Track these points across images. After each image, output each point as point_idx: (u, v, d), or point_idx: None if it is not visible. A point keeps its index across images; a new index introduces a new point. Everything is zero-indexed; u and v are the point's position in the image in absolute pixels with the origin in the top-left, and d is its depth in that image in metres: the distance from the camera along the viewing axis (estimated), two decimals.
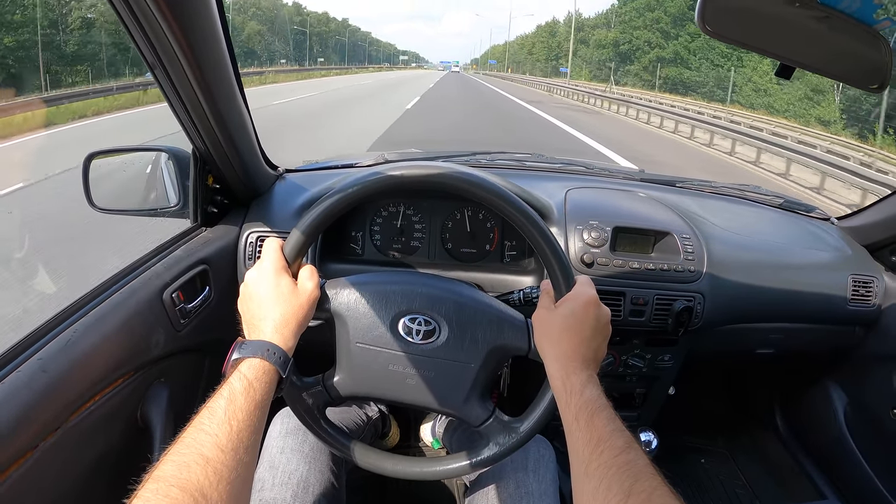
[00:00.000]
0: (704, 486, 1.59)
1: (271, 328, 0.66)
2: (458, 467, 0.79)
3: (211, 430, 0.53)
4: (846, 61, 0.68)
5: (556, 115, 14.69)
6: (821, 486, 1.50)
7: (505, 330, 0.76)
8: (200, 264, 1.01)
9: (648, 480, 0.51)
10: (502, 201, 0.71)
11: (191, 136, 0.95)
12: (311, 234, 0.72)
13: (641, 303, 1.13)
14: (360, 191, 0.71)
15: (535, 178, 1.36)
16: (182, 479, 0.48)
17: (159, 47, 0.73)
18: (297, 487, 0.85)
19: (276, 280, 0.69)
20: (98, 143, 1.08)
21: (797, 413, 1.63)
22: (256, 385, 0.60)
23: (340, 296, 0.76)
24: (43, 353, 0.70)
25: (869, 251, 1.34)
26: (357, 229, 1.18)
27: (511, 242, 1.18)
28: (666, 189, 1.44)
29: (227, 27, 0.81)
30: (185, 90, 0.82)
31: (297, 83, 31.48)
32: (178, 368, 0.98)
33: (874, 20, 0.64)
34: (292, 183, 1.25)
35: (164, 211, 1.07)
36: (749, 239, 1.28)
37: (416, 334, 0.75)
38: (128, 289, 0.87)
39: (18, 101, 10.34)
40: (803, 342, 1.36)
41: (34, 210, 4.47)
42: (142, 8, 0.66)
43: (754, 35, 0.68)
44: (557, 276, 0.72)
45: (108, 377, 0.78)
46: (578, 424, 0.59)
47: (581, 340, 0.67)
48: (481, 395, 0.78)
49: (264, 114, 11.14)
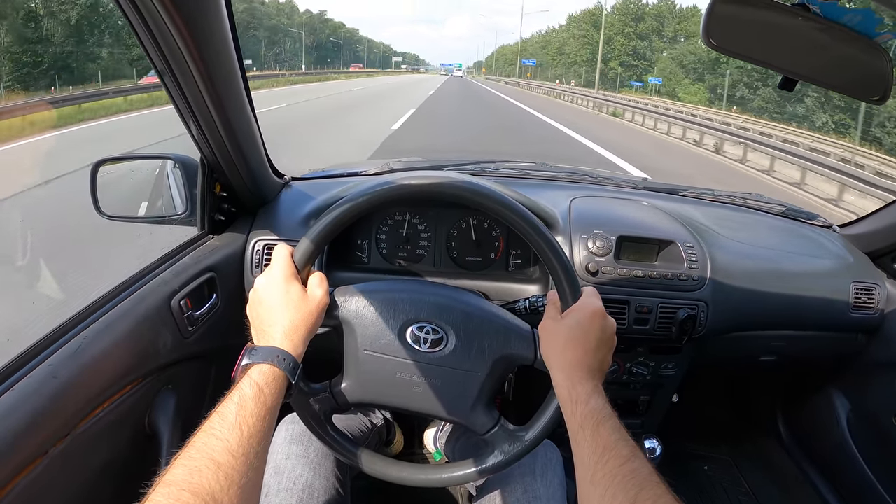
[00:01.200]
0: (708, 493, 1.59)
1: (281, 334, 0.67)
2: (464, 475, 0.80)
3: (222, 435, 0.54)
4: (848, 73, 0.69)
5: None
6: (824, 494, 1.50)
7: (511, 340, 0.76)
8: (208, 272, 1.02)
9: (653, 489, 0.52)
10: (510, 212, 0.72)
11: (199, 143, 0.96)
12: (321, 242, 0.73)
13: (645, 311, 1.14)
14: (369, 200, 0.72)
15: (539, 187, 1.37)
16: (193, 483, 0.49)
17: (170, 55, 0.74)
18: (302, 493, 0.85)
19: (286, 286, 0.70)
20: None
21: (800, 420, 1.63)
22: (266, 390, 0.61)
23: (349, 303, 0.76)
24: (53, 360, 0.71)
25: (871, 258, 1.35)
26: (363, 238, 1.19)
27: (516, 251, 1.19)
28: (669, 198, 1.44)
29: (236, 36, 0.83)
30: (194, 98, 0.83)
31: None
32: (185, 375, 0.98)
33: (875, 33, 0.65)
34: (298, 191, 1.26)
35: (171, 218, 1.08)
36: (752, 247, 1.29)
37: (423, 343, 0.76)
38: (136, 296, 0.87)
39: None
40: (806, 349, 1.36)
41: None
42: (153, 16, 0.67)
43: (758, 48, 0.69)
44: (564, 286, 0.73)
45: (117, 384, 0.79)
46: (584, 434, 0.60)
47: (587, 351, 0.68)
48: (487, 404, 0.78)
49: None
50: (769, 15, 0.66)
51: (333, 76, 52.38)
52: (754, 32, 0.68)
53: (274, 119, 11.76)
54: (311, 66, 72.14)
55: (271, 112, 13.34)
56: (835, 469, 1.49)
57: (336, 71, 68.82)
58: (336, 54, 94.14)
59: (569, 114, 17.91)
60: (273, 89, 25.09)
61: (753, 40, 0.68)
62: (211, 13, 0.73)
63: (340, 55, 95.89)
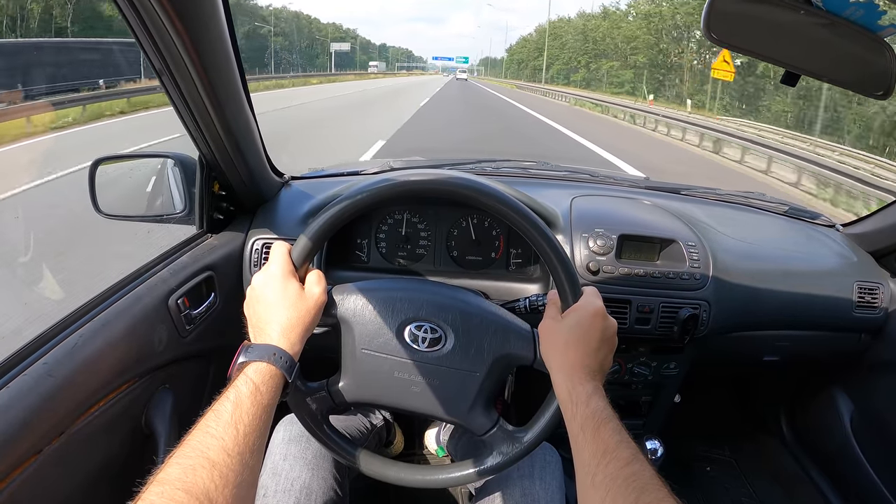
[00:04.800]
0: (710, 493, 1.58)
1: (278, 332, 0.66)
2: (462, 476, 0.79)
3: (217, 434, 0.53)
4: (851, 68, 0.68)
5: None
6: (827, 494, 1.48)
7: (511, 339, 0.75)
8: (206, 271, 1.01)
9: (654, 492, 0.51)
10: (510, 210, 0.71)
11: (197, 142, 0.96)
12: (319, 239, 0.72)
13: (647, 310, 1.13)
14: (367, 198, 0.72)
15: (540, 186, 1.36)
16: (188, 482, 0.48)
17: (167, 54, 0.74)
18: (299, 494, 0.85)
19: (283, 284, 0.69)
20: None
21: (803, 420, 1.62)
22: (263, 389, 0.60)
23: (347, 302, 0.76)
24: (49, 358, 0.70)
25: (874, 258, 1.34)
26: (363, 237, 1.18)
27: (517, 250, 1.18)
28: (671, 196, 1.44)
29: (234, 35, 0.82)
30: (192, 97, 0.82)
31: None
32: (183, 374, 0.98)
33: (879, 27, 0.64)
34: (298, 190, 1.26)
35: (170, 217, 1.07)
36: (754, 246, 1.28)
37: (421, 342, 0.75)
38: (133, 294, 0.87)
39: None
40: (809, 349, 1.35)
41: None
42: (150, 15, 0.67)
43: (759, 42, 0.68)
44: (564, 286, 0.72)
45: (114, 382, 0.79)
46: (584, 435, 0.59)
47: (587, 352, 0.67)
48: (486, 404, 0.77)
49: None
50: (771, 9, 0.66)
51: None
52: (756, 26, 0.67)
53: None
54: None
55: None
56: (838, 470, 1.48)
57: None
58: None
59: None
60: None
61: (755, 34, 0.68)
62: (207, 12, 0.73)
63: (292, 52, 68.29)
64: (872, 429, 1.37)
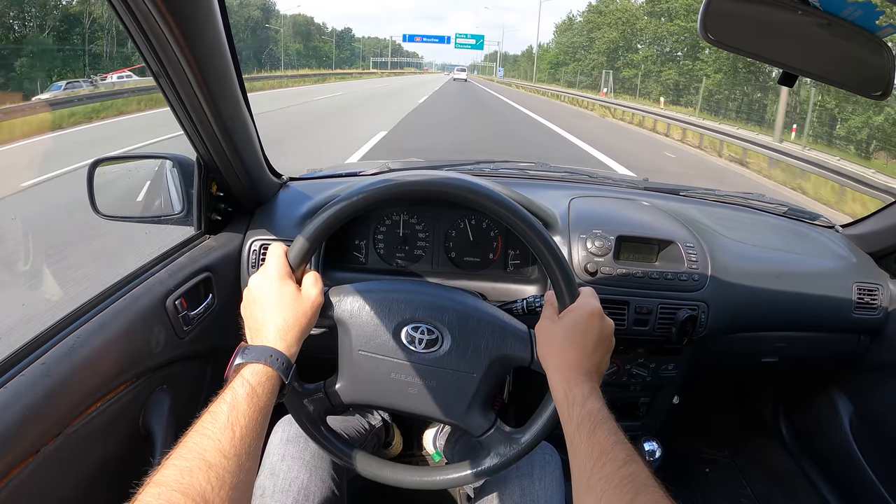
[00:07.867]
0: (709, 495, 1.57)
1: (274, 333, 0.66)
2: (459, 477, 0.79)
3: (214, 436, 0.53)
4: (849, 68, 0.68)
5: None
6: (826, 496, 1.48)
7: (508, 340, 0.75)
8: (204, 271, 1.01)
9: (650, 494, 0.51)
10: (506, 211, 0.71)
11: (195, 143, 0.96)
12: (316, 240, 0.72)
13: (645, 312, 1.13)
14: (365, 199, 0.71)
15: (538, 187, 1.36)
16: (184, 484, 0.48)
17: (164, 56, 0.74)
18: (297, 495, 0.84)
19: (280, 285, 0.69)
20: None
21: (802, 422, 1.62)
22: (259, 390, 0.60)
23: (344, 303, 0.76)
24: (46, 358, 0.70)
25: (874, 259, 1.34)
26: (360, 238, 1.18)
27: (514, 251, 1.18)
28: (669, 197, 1.44)
29: (230, 36, 0.82)
30: (189, 99, 0.82)
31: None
32: (180, 375, 0.97)
33: (877, 27, 0.64)
34: (296, 191, 1.26)
35: (168, 218, 1.07)
36: (753, 247, 1.28)
37: (418, 343, 0.75)
38: (131, 295, 0.87)
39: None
40: (808, 351, 1.35)
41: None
42: (146, 17, 0.67)
43: (757, 43, 0.68)
44: (561, 287, 0.72)
45: (111, 383, 0.79)
46: (580, 436, 0.59)
47: (584, 353, 0.67)
48: (483, 405, 0.77)
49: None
50: (768, 9, 0.66)
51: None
52: (753, 27, 0.67)
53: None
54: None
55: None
56: (837, 471, 1.48)
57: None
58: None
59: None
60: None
61: (752, 35, 0.67)
62: (203, 14, 0.73)
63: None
64: (871, 430, 1.37)
